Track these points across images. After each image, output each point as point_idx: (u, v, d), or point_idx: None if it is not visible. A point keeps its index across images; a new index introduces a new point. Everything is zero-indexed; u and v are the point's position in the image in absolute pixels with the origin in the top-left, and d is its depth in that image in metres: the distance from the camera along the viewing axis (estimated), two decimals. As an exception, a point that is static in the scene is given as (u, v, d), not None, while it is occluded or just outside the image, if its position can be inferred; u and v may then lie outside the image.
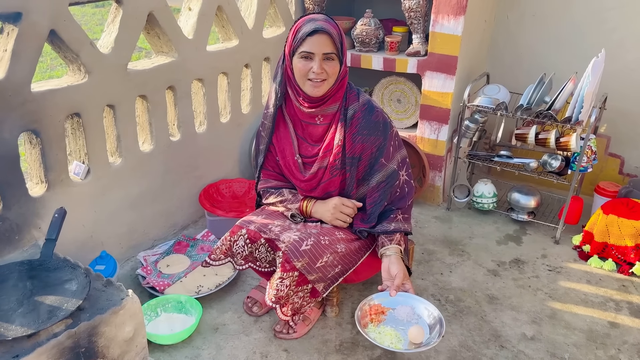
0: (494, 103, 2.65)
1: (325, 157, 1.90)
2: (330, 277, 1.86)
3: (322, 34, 1.72)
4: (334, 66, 1.77)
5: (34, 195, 1.92)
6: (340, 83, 1.84)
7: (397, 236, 1.91)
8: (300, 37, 1.74)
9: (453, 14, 2.58)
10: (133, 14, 2.08)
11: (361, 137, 1.86)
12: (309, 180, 1.94)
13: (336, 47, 1.75)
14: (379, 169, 1.90)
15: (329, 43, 1.74)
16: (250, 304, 2.11)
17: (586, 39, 2.84)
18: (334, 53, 1.75)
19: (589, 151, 2.56)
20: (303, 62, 1.76)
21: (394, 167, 1.91)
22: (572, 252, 2.59)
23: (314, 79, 1.76)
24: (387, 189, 1.91)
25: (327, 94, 1.83)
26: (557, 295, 2.28)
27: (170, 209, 2.53)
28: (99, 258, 2.11)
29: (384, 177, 1.90)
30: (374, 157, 1.88)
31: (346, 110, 1.87)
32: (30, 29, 1.74)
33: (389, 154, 1.90)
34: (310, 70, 1.75)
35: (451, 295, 2.26)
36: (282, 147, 1.96)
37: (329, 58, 1.75)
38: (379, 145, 1.87)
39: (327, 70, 1.76)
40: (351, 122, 1.86)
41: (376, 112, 1.88)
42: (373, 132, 1.86)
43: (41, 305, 1.56)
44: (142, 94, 2.23)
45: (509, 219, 2.85)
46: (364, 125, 1.85)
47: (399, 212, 1.94)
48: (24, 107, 1.79)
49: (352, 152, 1.87)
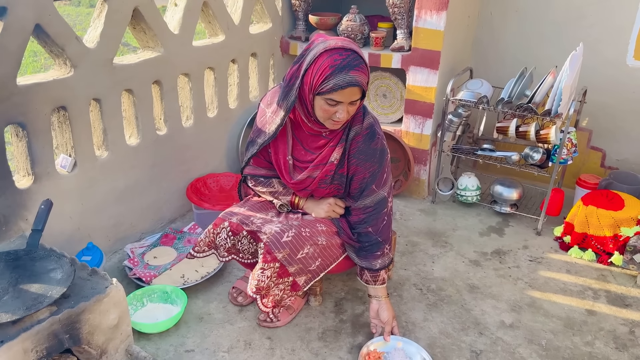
0: (477, 97, 2.70)
1: (316, 169, 1.87)
2: (311, 270, 1.89)
3: (354, 87, 1.66)
4: (358, 106, 1.76)
5: (21, 188, 1.95)
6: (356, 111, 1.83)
7: (382, 273, 1.94)
8: (330, 87, 1.64)
9: (436, 9, 2.63)
10: (118, 9, 2.11)
11: (356, 160, 1.85)
12: (296, 184, 1.94)
13: (363, 92, 1.71)
14: (369, 195, 1.89)
15: (358, 93, 1.69)
16: (235, 294, 2.15)
17: (566, 34, 2.89)
18: (360, 99, 1.73)
19: (568, 144, 2.61)
20: (327, 106, 1.70)
21: (384, 194, 1.90)
22: (553, 243, 2.64)
23: (336, 121, 1.73)
24: (373, 214, 1.89)
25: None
26: (537, 285, 2.32)
27: (157, 202, 2.57)
28: (86, 249, 2.14)
29: (372, 202, 1.89)
30: (365, 182, 1.87)
31: (349, 130, 1.85)
32: (15, 23, 1.77)
33: (381, 181, 1.89)
34: (334, 114, 1.71)
35: (433, 284, 2.30)
36: (276, 145, 1.93)
37: (354, 103, 1.72)
38: (373, 172, 1.86)
39: (351, 112, 1.74)
40: (351, 144, 1.85)
41: (377, 139, 1.86)
42: (370, 158, 1.85)
43: (26, 292, 1.59)
44: (128, 88, 2.26)
45: (492, 211, 2.90)
46: (362, 150, 1.84)
47: (386, 247, 1.94)
48: (10, 100, 1.82)
49: (343, 171, 1.88)
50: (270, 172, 2.02)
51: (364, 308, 2.15)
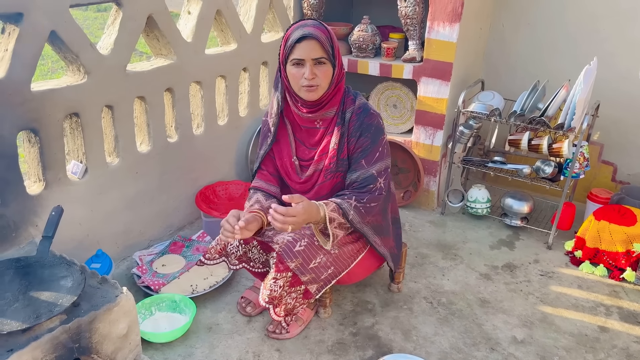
0: (488, 109, 2.69)
1: (321, 160, 1.92)
2: (323, 278, 1.88)
3: (310, 40, 1.74)
4: (326, 70, 1.79)
5: (32, 194, 1.95)
6: (336, 87, 1.86)
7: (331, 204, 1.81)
8: (290, 45, 1.76)
9: (449, 21, 2.62)
10: (133, 17, 2.11)
11: (354, 138, 1.88)
12: (305, 182, 1.96)
13: (326, 51, 1.77)
14: (356, 169, 1.88)
15: (318, 48, 1.75)
16: (244, 304, 2.13)
17: (579, 47, 2.88)
18: (324, 57, 1.77)
19: (581, 157, 2.59)
20: (295, 69, 1.78)
21: (373, 172, 1.87)
22: (564, 257, 2.62)
23: (307, 85, 1.78)
24: (357, 189, 1.87)
25: (324, 98, 1.85)
26: (549, 300, 2.30)
27: (166, 210, 2.55)
28: (95, 256, 2.13)
29: (358, 177, 1.87)
30: (355, 155, 1.88)
31: (344, 114, 1.89)
32: (31, 30, 1.78)
33: (372, 159, 1.87)
34: (302, 77, 1.78)
35: (443, 298, 2.28)
36: (280, 149, 1.99)
37: (320, 62, 1.77)
38: (365, 147, 1.87)
39: (319, 75, 1.78)
40: (348, 125, 1.88)
41: (371, 115, 1.89)
42: (364, 133, 1.87)
43: (36, 300, 1.58)
44: (141, 95, 2.26)
45: (502, 224, 2.88)
46: (357, 127, 1.87)
47: (353, 197, 1.84)
48: (24, 106, 1.82)
49: (344, 155, 1.90)
50: (266, 185, 2.01)
51: (373, 321, 2.12)
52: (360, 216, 1.86)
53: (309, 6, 2.97)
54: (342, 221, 1.83)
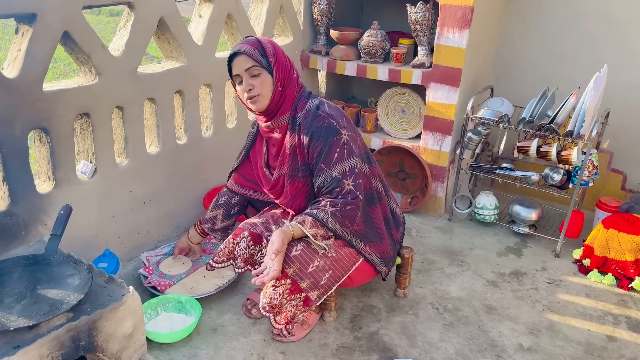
0: (497, 116, 2.68)
1: (282, 165, 1.94)
2: (323, 284, 1.87)
3: (238, 56, 1.80)
4: (263, 79, 1.81)
5: (42, 192, 1.97)
6: (282, 93, 1.86)
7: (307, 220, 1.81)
8: (228, 67, 1.85)
9: (458, 27, 2.63)
10: (144, 19, 2.14)
11: (307, 143, 1.86)
12: (274, 187, 2.00)
13: (256, 60, 1.79)
14: (319, 174, 1.85)
15: (247, 60, 1.79)
16: (249, 306, 2.14)
17: (589, 54, 2.87)
18: (254, 67, 1.79)
19: (590, 165, 2.58)
20: (239, 87, 1.86)
21: (336, 174, 1.82)
22: (572, 265, 2.60)
23: (248, 97, 1.83)
24: (326, 194, 1.85)
25: (272, 106, 1.86)
26: (556, 308, 2.28)
27: (174, 211, 2.57)
28: (102, 256, 2.14)
29: (323, 182, 1.84)
30: (314, 161, 1.86)
31: (295, 118, 1.89)
32: (44, 30, 1.80)
33: (330, 160, 1.82)
34: (244, 91, 1.83)
35: (449, 304, 2.27)
36: (255, 160, 2.08)
37: (254, 74, 1.80)
38: (320, 150, 1.83)
39: (256, 85, 1.81)
40: (299, 130, 1.87)
41: (319, 117, 1.84)
42: (315, 136, 1.83)
43: (44, 298, 1.60)
44: (151, 97, 2.28)
45: (510, 232, 2.86)
46: (307, 130, 1.85)
47: (328, 204, 1.82)
48: (36, 105, 1.84)
49: (303, 159, 1.89)
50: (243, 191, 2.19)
51: (379, 326, 2.12)
52: (339, 222, 1.83)
53: (319, 11, 2.99)
54: (322, 233, 1.83)
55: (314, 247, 1.84)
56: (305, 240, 1.84)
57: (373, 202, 2.02)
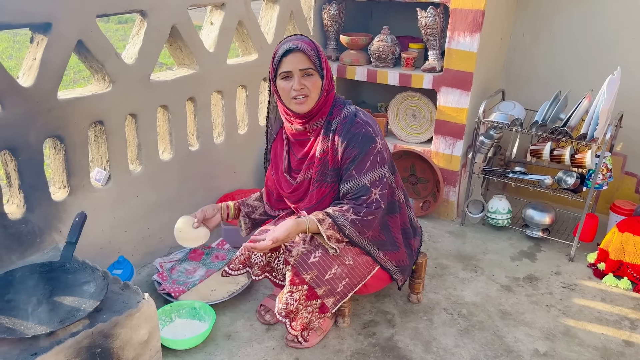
0: (509, 119, 2.67)
1: (309, 169, 1.91)
2: (339, 291, 1.86)
3: (296, 52, 1.77)
4: (315, 81, 1.80)
5: (56, 200, 1.98)
6: (326, 98, 1.86)
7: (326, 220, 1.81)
8: (277, 59, 1.80)
9: (469, 31, 2.62)
10: (157, 27, 2.15)
11: (341, 149, 1.85)
12: (295, 191, 1.97)
13: (312, 62, 1.78)
14: (348, 179, 1.84)
15: (305, 59, 1.77)
16: (262, 312, 2.13)
17: (602, 57, 2.85)
18: (311, 68, 1.78)
19: (604, 168, 2.56)
20: (285, 83, 1.80)
21: (366, 183, 1.82)
22: (587, 269, 2.57)
23: (297, 96, 1.80)
24: (352, 200, 1.83)
25: (314, 110, 1.85)
26: (571, 313, 2.26)
27: (186, 218, 2.57)
28: (117, 263, 2.15)
29: (351, 189, 1.83)
30: (346, 166, 1.84)
31: (330, 123, 1.88)
32: (58, 39, 1.82)
33: (363, 168, 1.82)
34: (291, 89, 1.79)
35: (464, 309, 2.25)
36: (276, 164, 2.03)
37: (308, 74, 1.79)
38: (354, 157, 1.82)
39: (308, 86, 1.79)
40: (334, 136, 1.86)
41: (357, 124, 1.84)
42: (351, 142, 1.83)
43: (60, 305, 1.60)
44: (164, 104, 2.29)
45: (524, 236, 2.84)
46: (343, 137, 1.84)
47: (351, 210, 1.82)
48: (50, 113, 1.86)
49: (334, 165, 1.87)
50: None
51: (393, 332, 2.11)
52: (357, 230, 1.83)
53: (328, 17, 3.00)
54: (338, 237, 1.83)
55: (332, 255, 1.83)
56: (324, 247, 1.84)
57: (394, 211, 2.02)
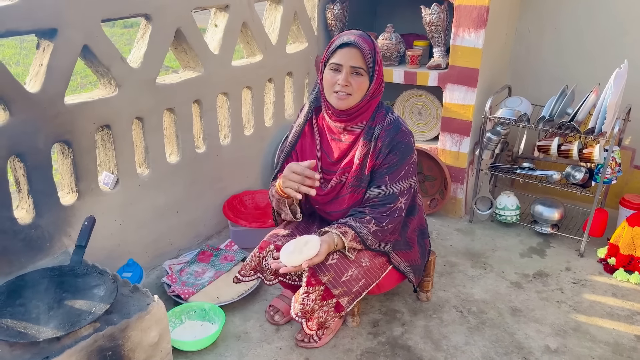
0: (516, 115, 2.66)
1: (344, 173, 1.88)
2: (355, 291, 1.86)
3: (352, 48, 1.73)
4: (362, 82, 1.77)
5: (65, 204, 1.99)
6: (369, 102, 1.82)
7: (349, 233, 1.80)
8: (331, 50, 1.77)
9: (474, 27, 2.61)
10: (161, 30, 2.16)
11: (382, 155, 1.83)
12: (327, 194, 1.93)
13: (366, 62, 1.74)
14: (379, 184, 1.83)
15: (359, 57, 1.74)
16: (272, 313, 2.14)
17: (609, 50, 2.83)
18: (362, 68, 1.74)
19: (612, 163, 2.54)
20: (331, 74, 1.77)
21: (395, 191, 1.83)
22: (597, 265, 2.56)
23: (339, 91, 1.76)
24: (377, 205, 1.83)
25: (354, 110, 1.81)
26: (582, 308, 2.24)
27: (195, 219, 2.58)
28: (126, 266, 2.16)
29: (379, 194, 1.83)
30: (381, 171, 1.84)
31: (372, 129, 1.85)
32: (64, 45, 1.83)
33: (397, 177, 1.83)
34: (336, 82, 1.76)
35: (473, 307, 2.25)
36: (305, 158, 1.95)
37: (357, 73, 1.75)
38: (391, 164, 1.82)
39: (353, 85, 1.75)
40: (376, 142, 1.83)
41: (402, 132, 1.84)
42: (393, 150, 1.82)
43: (71, 309, 1.62)
44: (170, 107, 2.30)
45: (533, 232, 2.82)
46: (387, 143, 1.82)
47: (373, 221, 1.82)
48: (58, 118, 1.87)
49: (368, 171, 1.86)
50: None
51: (402, 330, 2.10)
52: (378, 240, 1.85)
53: (332, 16, 2.99)
54: (359, 247, 1.84)
55: (349, 257, 1.83)
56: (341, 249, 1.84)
57: (413, 213, 2.03)
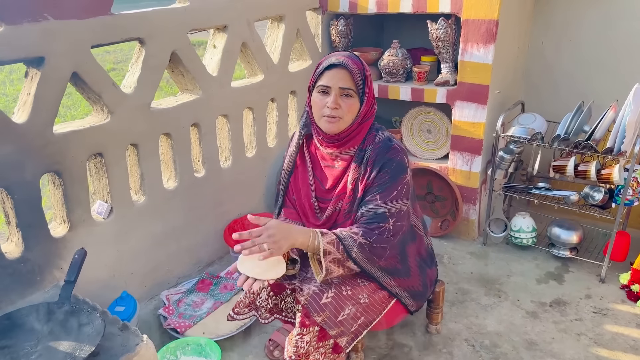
0: (530, 133, 2.53)
1: (339, 201, 1.78)
2: (354, 330, 1.73)
3: (340, 69, 1.65)
4: (352, 103, 1.68)
5: (56, 236, 1.93)
6: (360, 124, 1.73)
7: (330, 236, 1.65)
8: (319, 71, 1.69)
9: (483, 42, 2.50)
10: (156, 54, 2.09)
11: (374, 172, 1.72)
12: (323, 224, 1.83)
13: (355, 83, 1.66)
14: (369, 202, 1.70)
15: (348, 78, 1.66)
16: (272, 348, 2.03)
17: (627, 64, 2.68)
18: (351, 89, 1.66)
19: (634, 183, 2.39)
20: (320, 97, 1.69)
21: (385, 211, 1.69)
22: (620, 292, 2.40)
23: (329, 115, 1.68)
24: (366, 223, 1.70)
25: (344, 134, 1.72)
26: (603, 341, 2.10)
27: (194, 246, 2.50)
28: (120, 299, 2.08)
29: (367, 212, 1.70)
30: (371, 190, 1.71)
31: (363, 151, 1.75)
32: (52, 73, 1.77)
33: (388, 196, 1.69)
34: (325, 105, 1.67)
35: (486, 340, 2.11)
36: (298, 188, 1.87)
37: (347, 94, 1.67)
38: (382, 182, 1.70)
39: (343, 107, 1.67)
40: (366, 164, 1.74)
41: (393, 150, 1.73)
42: (384, 167, 1.71)
43: (54, 351, 1.54)
44: (166, 132, 2.23)
45: (550, 255, 2.68)
46: (378, 161, 1.71)
47: (360, 233, 1.67)
48: (46, 149, 1.81)
49: (364, 192, 1.74)
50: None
51: (410, 366, 1.99)
52: (365, 256, 1.69)
53: (337, 33, 2.91)
54: (339, 257, 1.65)
55: (347, 294, 1.70)
56: (338, 285, 1.71)
57: (412, 239, 1.91)
